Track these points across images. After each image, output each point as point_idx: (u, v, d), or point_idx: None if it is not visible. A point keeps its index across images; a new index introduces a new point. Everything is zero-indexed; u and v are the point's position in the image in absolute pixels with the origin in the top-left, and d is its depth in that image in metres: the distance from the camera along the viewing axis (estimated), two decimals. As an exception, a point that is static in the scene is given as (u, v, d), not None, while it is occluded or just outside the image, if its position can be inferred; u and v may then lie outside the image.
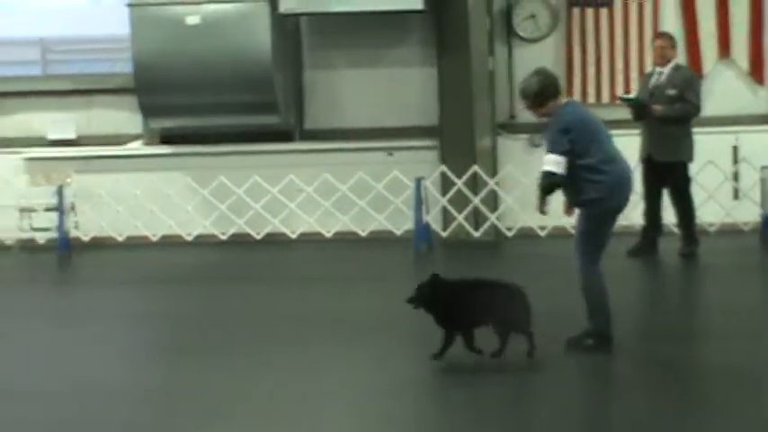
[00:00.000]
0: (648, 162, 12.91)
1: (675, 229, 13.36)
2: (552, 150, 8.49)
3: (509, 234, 14.89)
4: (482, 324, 8.34)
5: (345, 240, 14.91)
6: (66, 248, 14.80)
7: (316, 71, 15.82)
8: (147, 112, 15.42)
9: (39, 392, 7.83)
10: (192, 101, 15.07)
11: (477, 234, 14.89)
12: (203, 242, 15.17)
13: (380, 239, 14.78)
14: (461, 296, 8.34)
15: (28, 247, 15.30)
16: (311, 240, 15.02)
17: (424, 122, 15.54)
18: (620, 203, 8.72)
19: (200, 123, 15.44)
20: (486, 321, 8.33)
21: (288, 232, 15.21)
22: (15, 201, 15.39)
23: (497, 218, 14.98)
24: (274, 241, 15.08)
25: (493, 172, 15.05)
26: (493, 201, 15.03)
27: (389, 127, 15.63)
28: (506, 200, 14.99)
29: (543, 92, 8.66)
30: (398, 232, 14.91)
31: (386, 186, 14.95)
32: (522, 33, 15.47)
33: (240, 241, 15.10)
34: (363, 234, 15.03)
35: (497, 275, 8.77)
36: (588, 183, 8.52)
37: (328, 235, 15.11)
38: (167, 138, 15.78)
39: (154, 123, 15.66)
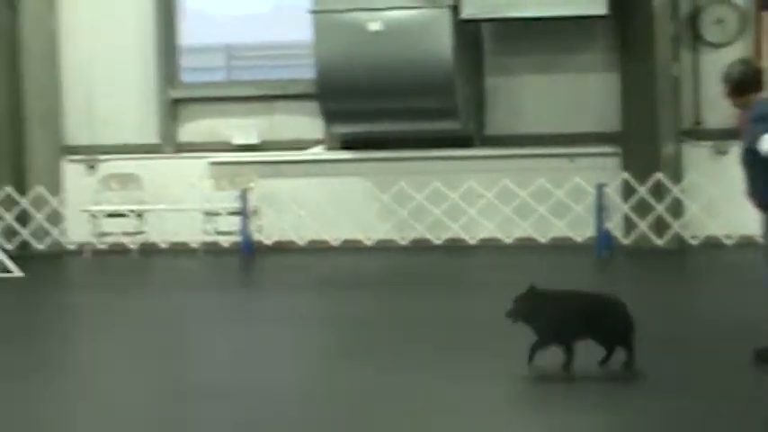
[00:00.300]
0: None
1: None
2: (764, 131, 8.10)
3: (693, 242, 14.57)
4: (582, 338, 8.10)
5: (525, 246, 14.81)
6: (249, 252, 15.06)
7: (497, 77, 15.74)
8: (329, 117, 15.58)
9: (224, 392, 7.93)
10: (372, 106, 15.16)
11: (660, 242, 14.61)
12: (383, 247, 15.27)
13: (561, 246, 14.64)
14: (560, 308, 8.11)
15: (212, 250, 15.59)
16: (491, 246, 14.98)
17: (606, 129, 15.33)
18: None
19: (381, 129, 15.52)
20: (587, 335, 8.09)
21: (467, 238, 15.19)
22: (200, 204, 15.74)
23: (681, 226, 14.68)
24: (454, 247, 15.08)
25: (677, 179, 14.75)
26: (677, 209, 14.72)
27: (570, 133, 15.46)
28: (691, 208, 14.68)
29: (744, 81, 8.40)
30: (579, 239, 14.74)
31: (566, 193, 14.81)
32: (708, 38, 15.12)
33: (420, 246, 15.15)
34: (544, 240, 14.91)
35: (681, 285, 8.56)
36: None
37: (508, 241, 15.03)
38: (348, 143, 15.92)
39: (335, 129, 15.81)
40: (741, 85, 8.40)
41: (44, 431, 7.25)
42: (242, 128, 16.27)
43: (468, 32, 15.43)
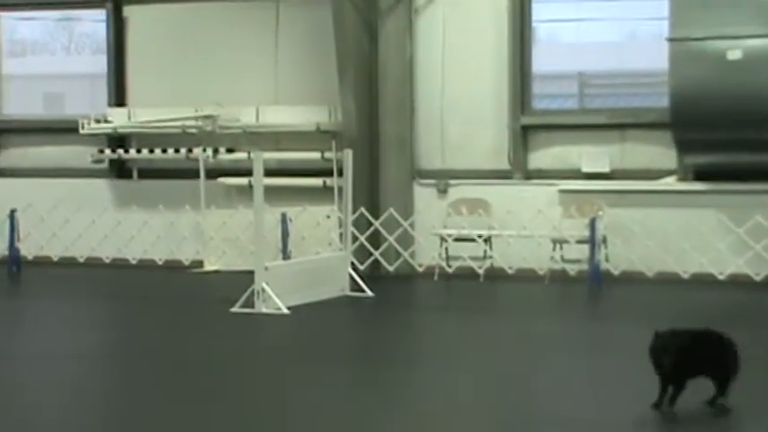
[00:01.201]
0: None
1: None
2: None
3: None
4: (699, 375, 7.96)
5: None
6: (596, 281, 14.91)
7: None
8: (683, 147, 15.25)
9: (572, 422, 7.88)
10: (729, 137, 14.72)
11: None
12: (735, 282, 14.80)
13: None
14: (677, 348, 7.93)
15: (558, 277, 15.54)
16: None
17: None
18: None
19: (737, 160, 15.05)
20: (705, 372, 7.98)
21: (826, 276, 14.54)
22: (548, 231, 15.72)
23: None
24: (811, 285, 14.46)
25: None
26: None
27: None
28: None
29: None
30: None
31: None
32: None
33: (775, 283, 14.62)
34: None
35: None
36: None
37: None
38: (701, 174, 15.52)
39: (688, 159, 15.46)
40: None
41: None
42: (592, 156, 16.15)
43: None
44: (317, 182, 17.10)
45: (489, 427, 7.93)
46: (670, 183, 15.70)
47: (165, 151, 17.98)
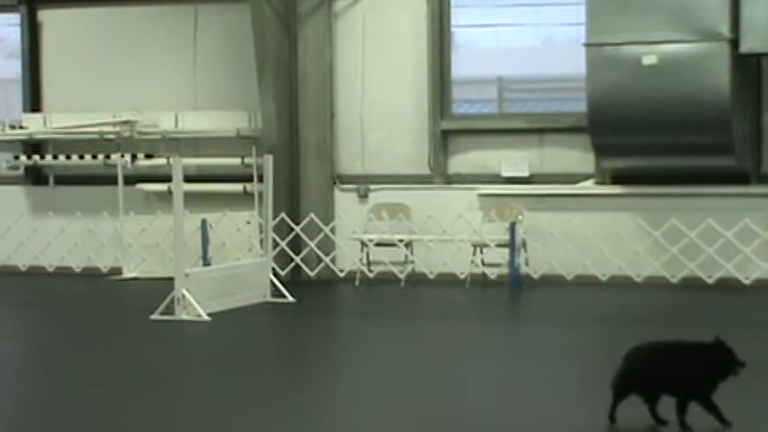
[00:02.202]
0: None
1: None
2: None
3: None
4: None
5: (803, 289, 14.25)
6: (517, 285, 15.00)
7: (775, 112, 15.26)
8: (600, 151, 15.40)
9: (491, 426, 7.92)
10: (645, 141, 14.90)
11: None
12: (653, 284, 14.98)
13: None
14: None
15: (479, 281, 15.61)
16: (766, 287, 14.44)
17: None
18: None
19: (654, 164, 15.24)
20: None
21: (741, 278, 14.73)
22: (468, 235, 15.78)
23: None
24: (726, 286, 14.65)
25: None
26: None
27: None
28: None
29: None
30: None
31: None
32: None
33: (690, 285, 14.80)
34: (824, 283, 14.32)
35: None
36: None
37: (785, 283, 14.51)
38: (619, 177, 15.70)
39: (606, 163, 15.61)
40: None
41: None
42: (512, 160, 16.25)
43: (748, 67, 14.98)
44: (237, 187, 17.01)
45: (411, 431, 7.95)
46: (588, 187, 15.85)
47: (82, 157, 17.79)
